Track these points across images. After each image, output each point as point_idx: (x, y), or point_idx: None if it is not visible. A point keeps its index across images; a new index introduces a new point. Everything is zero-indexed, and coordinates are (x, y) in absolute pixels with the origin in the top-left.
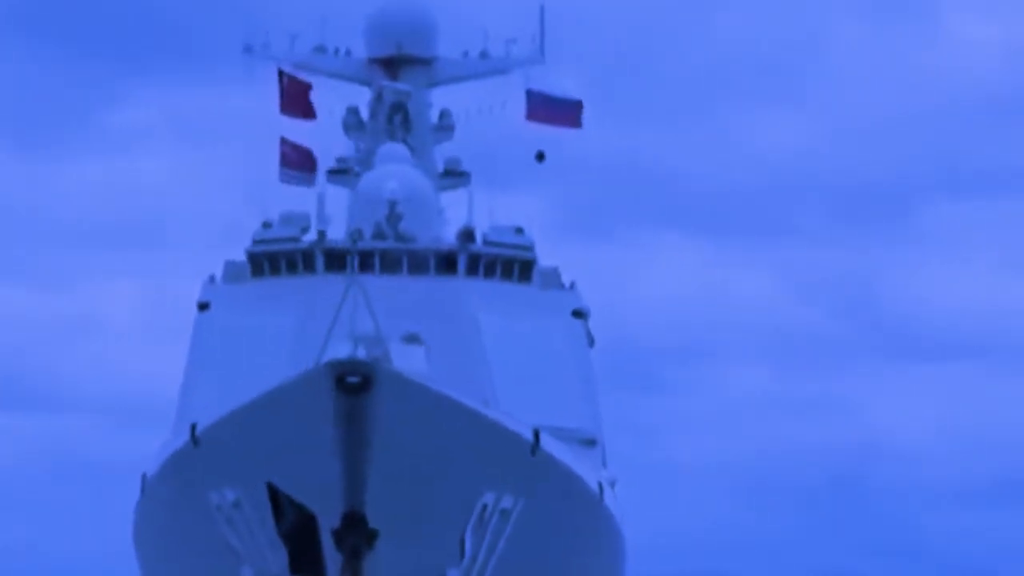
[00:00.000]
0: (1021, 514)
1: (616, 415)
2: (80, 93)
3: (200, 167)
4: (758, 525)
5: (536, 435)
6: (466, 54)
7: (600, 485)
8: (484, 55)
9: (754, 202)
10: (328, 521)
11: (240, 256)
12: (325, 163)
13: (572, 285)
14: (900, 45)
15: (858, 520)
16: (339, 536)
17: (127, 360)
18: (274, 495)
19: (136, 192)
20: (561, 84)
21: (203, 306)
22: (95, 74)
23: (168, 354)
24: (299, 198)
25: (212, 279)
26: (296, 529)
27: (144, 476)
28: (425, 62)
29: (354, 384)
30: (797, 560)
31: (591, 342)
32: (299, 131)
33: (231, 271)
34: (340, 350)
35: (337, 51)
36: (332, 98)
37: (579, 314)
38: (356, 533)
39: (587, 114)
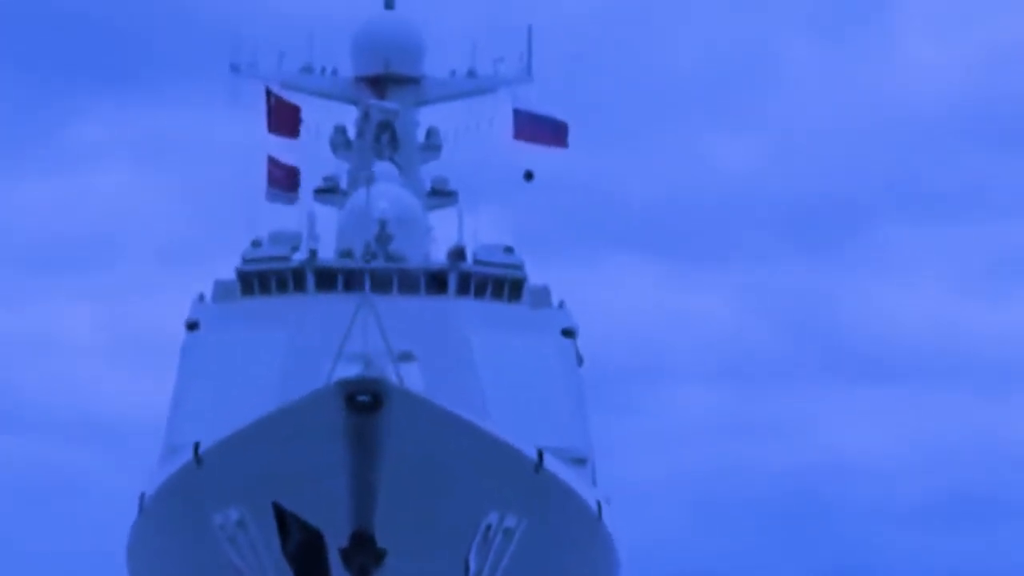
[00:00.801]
0: (975, 532)
1: None
2: (40, 110)
3: (165, 187)
4: (714, 545)
5: (540, 454)
6: (453, 73)
7: (599, 504)
8: (471, 74)
9: (708, 222)
10: (336, 540)
11: (227, 275)
12: (312, 182)
13: (561, 304)
14: (855, 66)
15: (814, 539)
16: (347, 555)
17: (85, 379)
18: (280, 514)
19: (95, 210)
20: (544, 103)
21: (192, 325)
22: (56, 91)
23: (125, 374)
24: (277, 216)
25: (201, 298)
26: (302, 549)
27: (142, 496)
28: (412, 81)
29: (365, 403)
30: None
31: (580, 361)
32: (285, 150)
33: (220, 290)
34: (350, 369)
35: (324, 70)
36: (319, 117)
37: (569, 333)
38: (365, 552)
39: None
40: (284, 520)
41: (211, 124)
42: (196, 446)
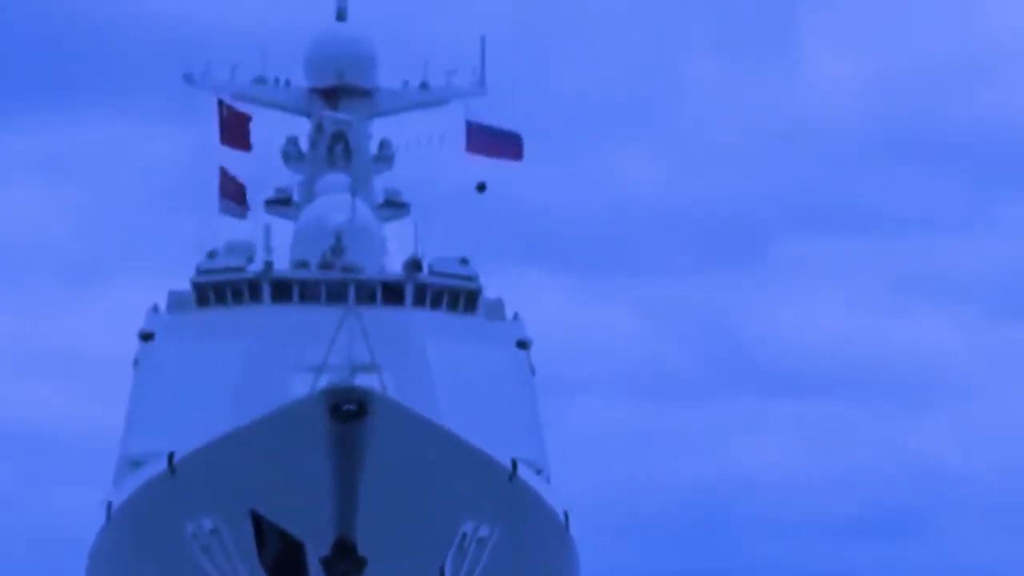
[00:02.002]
0: (884, 545)
1: None
2: None
3: (74, 201)
4: (623, 559)
5: (514, 464)
6: (406, 84)
7: (566, 514)
8: (424, 86)
9: (613, 238)
10: (316, 549)
11: (178, 286)
12: (264, 193)
13: (516, 316)
14: (760, 82)
15: (723, 553)
16: (329, 563)
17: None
18: (258, 523)
19: (9, 223)
20: (499, 116)
21: (146, 336)
22: None
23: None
24: (226, 228)
25: (155, 308)
26: (280, 557)
27: (109, 505)
28: (366, 92)
29: (350, 412)
30: None
31: (532, 372)
32: (237, 161)
33: (175, 301)
34: (328, 378)
35: (277, 81)
36: (271, 129)
37: (523, 345)
38: (347, 561)
39: None
40: (262, 529)
41: (159, 137)
42: (171, 456)
